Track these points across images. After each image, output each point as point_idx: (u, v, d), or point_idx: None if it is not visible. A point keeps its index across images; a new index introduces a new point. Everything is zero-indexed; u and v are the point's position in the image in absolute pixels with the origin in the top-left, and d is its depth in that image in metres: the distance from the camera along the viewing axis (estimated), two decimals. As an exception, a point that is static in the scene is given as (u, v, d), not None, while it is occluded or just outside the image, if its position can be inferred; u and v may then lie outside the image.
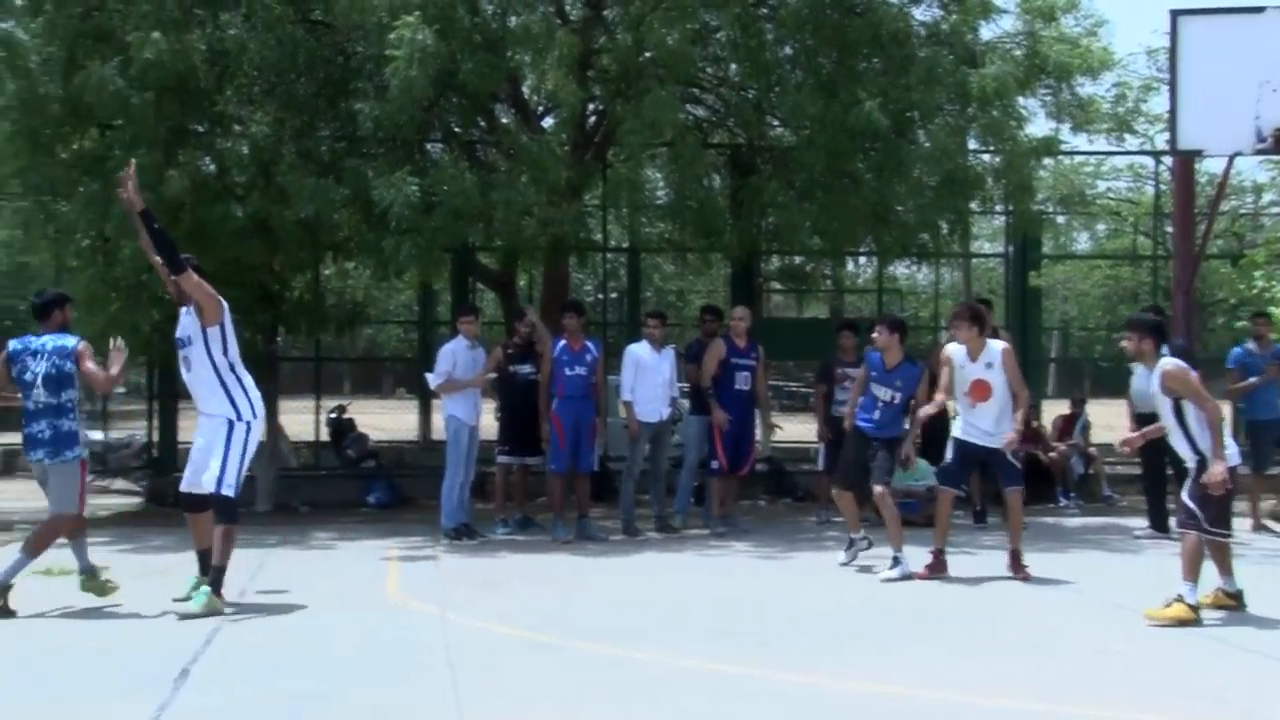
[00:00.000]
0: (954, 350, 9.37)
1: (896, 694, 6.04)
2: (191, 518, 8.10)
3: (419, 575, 9.56)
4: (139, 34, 10.91)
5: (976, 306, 9.92)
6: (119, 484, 16.04)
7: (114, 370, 8.13)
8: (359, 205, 11.42)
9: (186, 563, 9.06)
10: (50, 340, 8.04)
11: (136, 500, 14.66)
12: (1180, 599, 7.49)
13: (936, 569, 9.26)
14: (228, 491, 7.87)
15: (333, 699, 5.98)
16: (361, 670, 6.50)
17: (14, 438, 18.62)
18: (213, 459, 7.88)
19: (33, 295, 8.57)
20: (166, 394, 14.85)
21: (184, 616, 7.66)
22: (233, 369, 8.01)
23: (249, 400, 8.00)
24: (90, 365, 7.98)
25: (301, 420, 16.24)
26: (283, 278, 13.48)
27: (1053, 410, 16.20)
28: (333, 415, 16.42)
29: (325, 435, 15.93)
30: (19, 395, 8.15)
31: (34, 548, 7.98)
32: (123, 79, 10.98)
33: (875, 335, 9.74)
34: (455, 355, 11.45)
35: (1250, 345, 12.42)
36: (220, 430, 7.90)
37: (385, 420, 20.22)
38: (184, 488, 8.11)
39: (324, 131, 12.27)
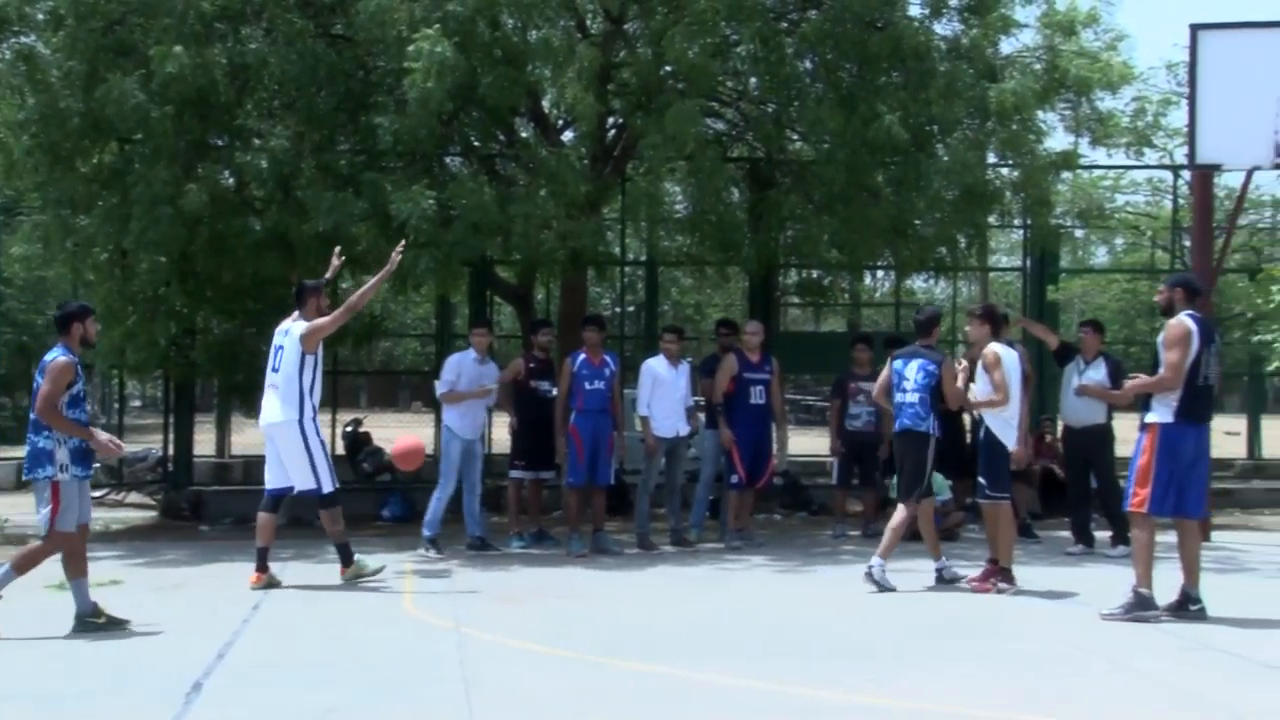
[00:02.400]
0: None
1: (917, 710, 6.00)
2: None
3: (434, 589, 9.55)
4: (160, 48, 10.96)
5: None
6: (134, 498, 16.06)
7: (48, 407, 7.56)
8: (377, 219, 11.42)
9: (201, 577, 9.09)
10: (50, 354, 7.79)
11: (151, 514, 14.67)
12: None
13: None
14: None
15: (345, 713, 5.96)
16: (375, 685, 6.49)
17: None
18: None
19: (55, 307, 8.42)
20: (183, 408, 14.88)
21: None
22: None
23: None
24: (45, 386, 7.60)
25: (318, 433, 16.23)
26: (301, 291, 13.47)
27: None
28: (349, 429, 16.41)
29: (341, 448, 15.92)
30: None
31: (19, 566, 7.75)
32: (143, 93, 11.02)
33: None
34: (461, 367, 11.43)
35: None
36: None
37: (401, 433, 20.20)
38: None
39: (343, 145, 12.30)
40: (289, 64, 11.53)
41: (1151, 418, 8.19)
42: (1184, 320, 8.17)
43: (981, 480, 9.39)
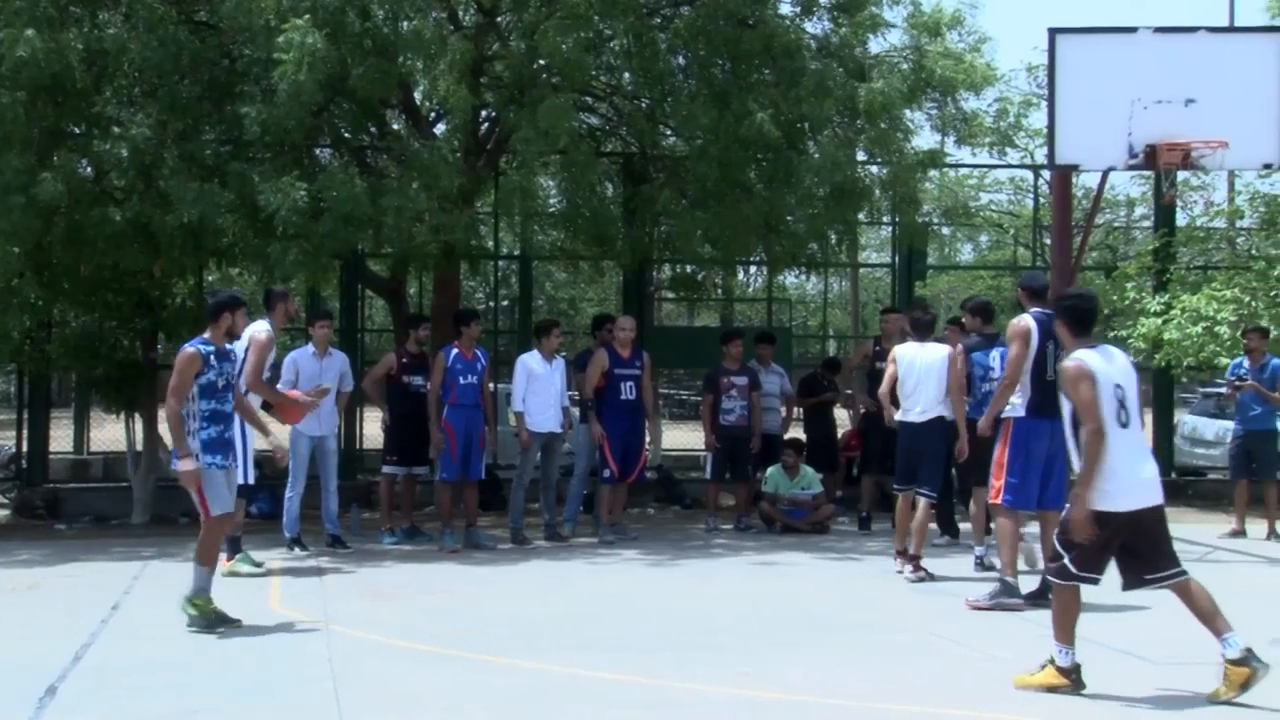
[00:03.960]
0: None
1: (782, 700, 6.09)
2: None
3: (302, 587, 9.39)
4: (10, 31, 10.56)
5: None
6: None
7: (174, 399, 7.72)
8: (245, 210, 11.17)
9: (57, 577, 8.81)
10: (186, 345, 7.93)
11: (4, 513, 14.16)
12: (1052, 662, 6.34)
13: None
14: None
15: (209, 715, 5.84)
16: (241, 685, 6.36)
17: None
18: None
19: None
20: (37, 403, 14.37)
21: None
22: None
23: None
24: (172, 379, 7.75)
25: (183, 429, 15.86)
26: (164, 283, 13.14)
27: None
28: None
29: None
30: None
31: (200, 557, 7.81)
32: (-8, 77, 10.63)
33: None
34: (298, 365, 11.10)
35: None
36: None
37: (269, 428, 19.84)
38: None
39: (208, 135, 11.99)
40: (150, 51, 11.19)
41: (1006, 412, 8.46)
42: (1023, 318, 8.46)
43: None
